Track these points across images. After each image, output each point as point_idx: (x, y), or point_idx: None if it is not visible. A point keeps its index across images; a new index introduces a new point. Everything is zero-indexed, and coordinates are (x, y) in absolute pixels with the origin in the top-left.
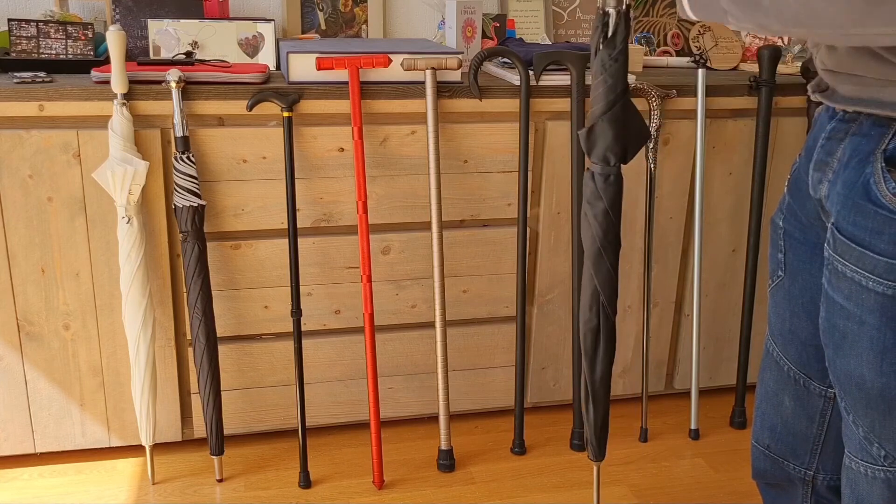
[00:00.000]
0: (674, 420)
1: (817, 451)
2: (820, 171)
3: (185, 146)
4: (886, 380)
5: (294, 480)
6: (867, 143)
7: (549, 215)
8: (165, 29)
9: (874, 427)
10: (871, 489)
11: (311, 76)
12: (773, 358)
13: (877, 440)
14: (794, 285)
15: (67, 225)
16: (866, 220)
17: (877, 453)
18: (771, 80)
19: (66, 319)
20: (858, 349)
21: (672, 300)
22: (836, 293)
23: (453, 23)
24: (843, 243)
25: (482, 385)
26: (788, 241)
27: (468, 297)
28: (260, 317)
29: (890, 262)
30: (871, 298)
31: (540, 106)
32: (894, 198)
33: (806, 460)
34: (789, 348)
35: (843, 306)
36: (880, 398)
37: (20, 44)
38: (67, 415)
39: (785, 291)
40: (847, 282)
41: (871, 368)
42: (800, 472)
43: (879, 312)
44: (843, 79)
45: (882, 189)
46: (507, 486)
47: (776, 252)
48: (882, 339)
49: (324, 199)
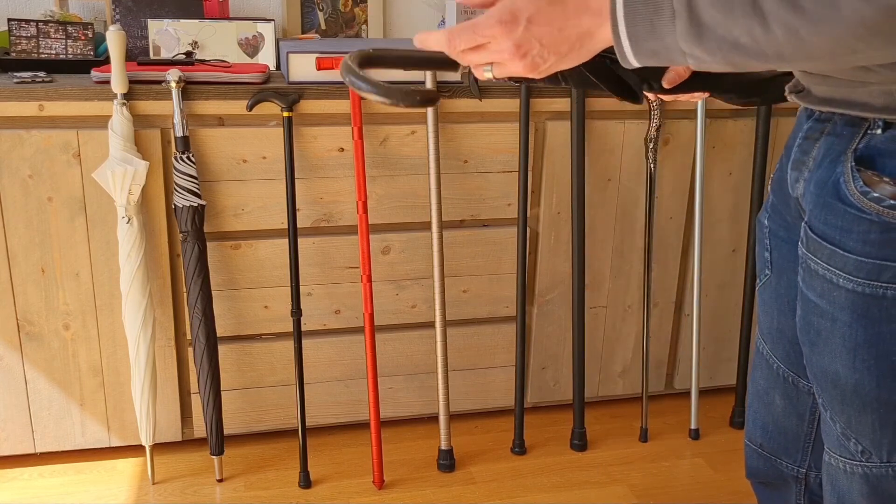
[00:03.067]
0: (674, 420)
1: (809, 448)
2: (797, 171)
3: (185, 146)
4: (859, 376)
5: (294, 480)
6: (839, 142)
7: (549, 215)
8: (165, 29)
9: (850, 423)
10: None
11: (311, 76)
12: (763, 357)
13: (853, 436)
14: (781, 283)
15: (67, 225)
16: (836, 219)
17: (854, 449)
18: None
19: (66, 319)
20: (832, 346)
21: (672, 300)
22: (809, 291)
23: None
24: (814, 241)
25: (482, 385)
26: (774, 239)
27: (468, 297)
28: (260, 317)
29: (859, 259)
30: (842, 296)
31: (540, 106)
32: (862, 196)
33: (798, 458)
34: (777, 346)
35: (817, 304)
36: (854, 394)
37: (20, 44)
38: (67, 415)
39: (772, 290)
40: (819, 280)
41: (845, 365)
42: (792, 469)
43: (850, 309)
44: (818, 80)
45: (851, 188)
46: (507, 486)
47: (763, 251)
48: (854, 336)
49: (324, 199)
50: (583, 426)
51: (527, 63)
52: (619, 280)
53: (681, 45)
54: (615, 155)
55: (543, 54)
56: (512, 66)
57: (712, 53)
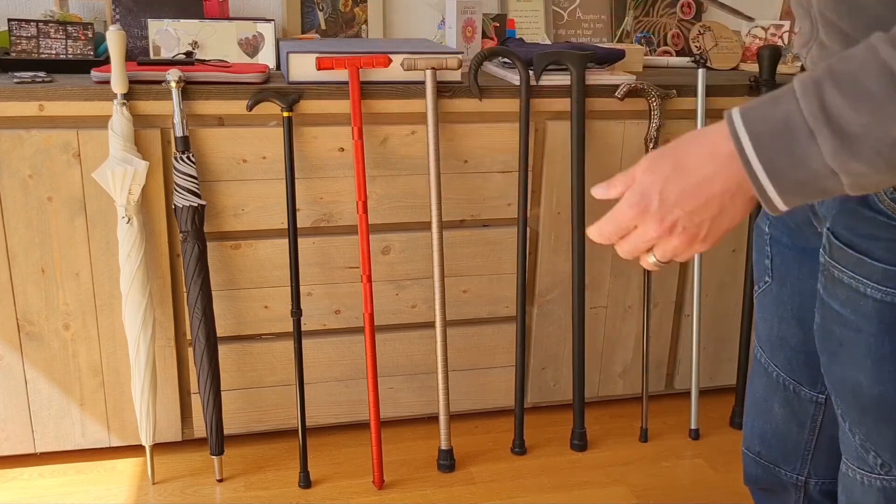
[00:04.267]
0: (674, 420)
1: (808, 456)
2: None
3: (185, 146)
4: (883, 388)
5: (294, 480)
6: None
7: (549, 215)
8: (165, 29)
9: (870, 435)
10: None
11: (311, 76)
12: (761, 365)
13: (873, 448)
14: (783, 291)
15: (67, 225)
16: (863, 226)
17: (873, 461)
18: (771, 80)
19: (66, 319)
20: (855, 356)
21: (672, 300)
22: (831, 299)
23: (453, 23)
24: (839, 249)
25: (482, 385)
26: (775, 246)
27: (468, 297)
28: (260, 317)
29: (887, 268)
30: (868, 305)
31: (540, 106)
32: (893, 203)
33: (797, 466)
34: (778, 354)
35: (840, 313)
36: (877, 406)
37: (20, 44)
38: (67, 415)
39: (773, 297)
40: (844, 288)
41: (868, 376)
42: (792, 477)
43: (877, 319)
44: None
45: (880, 194)
46: (507, 486)
47: (762, 258)
48: (879, 347)
49: (324, 199)
50: (583, 426)
51: (683, 236)
52: (619, 280)
53: (830, 165)
54: (615, 155)
55: (694, 219)
56: (670, 245)
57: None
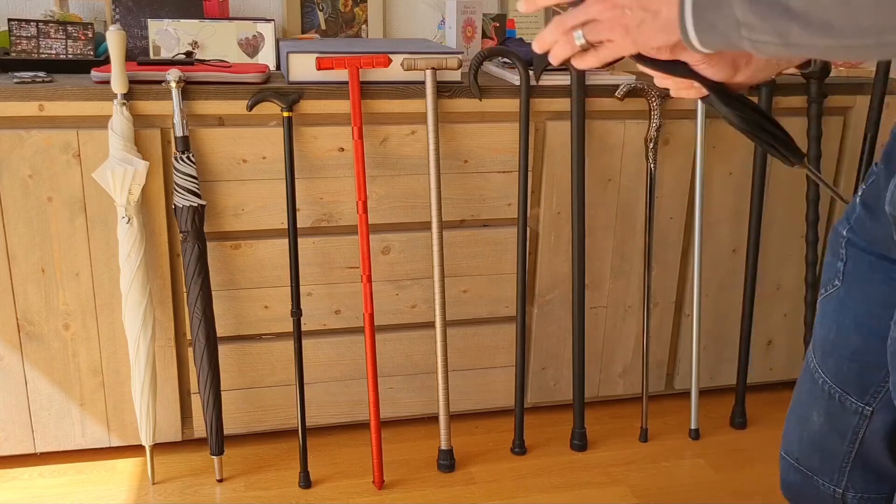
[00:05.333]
0: (674, 420)
1: (846, 468)
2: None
3: (185, 146)
4: None
5: (294, 480)
6: None
7: (549, 215)
8: (165, 29)
9: None
10: None
11: (311, 76)
12: (809, 370)
13: None
14: (850, 297)
15: (67, 225)
16: None
17: None
18: (771, 80)
19: (66, 319)
20: None
21: (672, 300)
22: None
23: (453, 23)
24: None
25: (482, 385)
26: (850, 249)
27: (468, 297)
28: (260, 317)
29: None
30: None
31: (540, 106)
32: None
33: (835, 477)
34: (828, 360)
35: None
36: None
37: (20, 44)
38: (67, 415)
39: (837, 302)
40: None
41: None
42: (829, 488)
43: None
44: None
45: None
46: (507, 486)
47: (835, 261)
48: None
49: (324, 199)
50: (583, 426)
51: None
52: (619, 280)
53: (736, 13)
54: (615, 155)
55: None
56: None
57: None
